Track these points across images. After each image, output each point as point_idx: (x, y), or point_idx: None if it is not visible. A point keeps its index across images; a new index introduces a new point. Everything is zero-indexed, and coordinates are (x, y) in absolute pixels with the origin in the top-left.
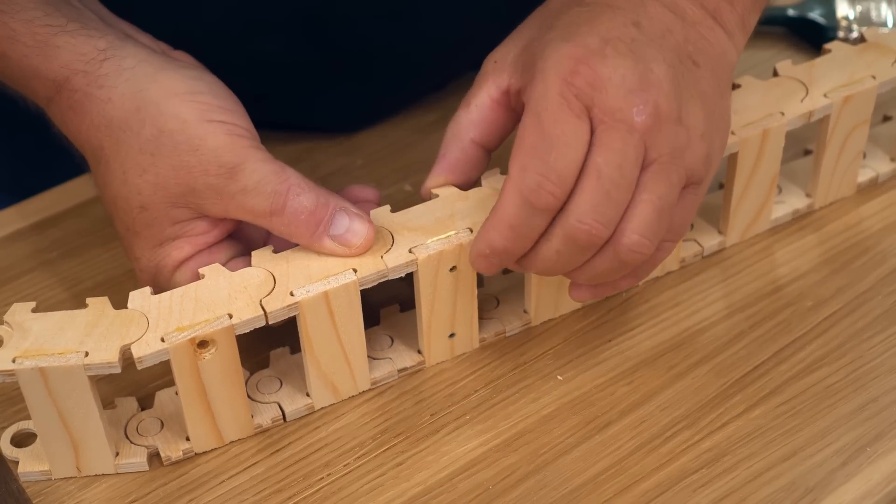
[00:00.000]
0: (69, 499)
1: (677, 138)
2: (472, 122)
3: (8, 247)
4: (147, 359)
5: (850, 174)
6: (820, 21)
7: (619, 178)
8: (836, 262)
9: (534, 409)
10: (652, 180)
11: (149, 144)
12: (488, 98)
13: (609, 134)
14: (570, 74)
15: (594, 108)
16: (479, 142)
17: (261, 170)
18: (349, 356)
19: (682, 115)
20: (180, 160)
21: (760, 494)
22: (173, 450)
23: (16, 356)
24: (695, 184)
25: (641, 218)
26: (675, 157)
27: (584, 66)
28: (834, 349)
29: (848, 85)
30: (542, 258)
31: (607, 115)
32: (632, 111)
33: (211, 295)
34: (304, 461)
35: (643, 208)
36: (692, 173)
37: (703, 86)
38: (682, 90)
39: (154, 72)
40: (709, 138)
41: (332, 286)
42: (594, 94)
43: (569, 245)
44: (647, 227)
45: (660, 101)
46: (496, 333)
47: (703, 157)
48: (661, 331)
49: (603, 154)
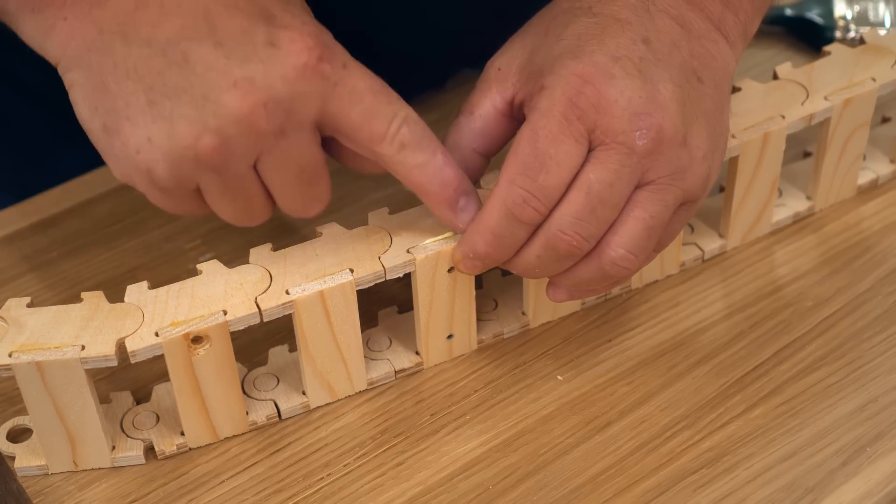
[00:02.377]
0: (69, 498)
1: (679, 161)
2: (474, 131)
3: (8, 247)
4: (140, 353)
5: (850, 176)
6: (818, 21)
7: (608, 197)
8: (836, 262)
9: (534, 409)
10: (647, 199)
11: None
12: (492, 108)
13: (606, 153)
14: (575, 95)
15: (596, 130)
16: (481, 151)
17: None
18: (345, 356)
19: (688, 136)
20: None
21: (760, 494)
22: (167, 444)
23: (12, 351)
24: (690, 202)
25: (630, 234)
26: (675, 179)
27: (591, 86)
28: (834, 349)
29: (848, 87)
30: (524, 262)
31: (608, 137)
32: (634, 135)
33: (207, 291)
34: (304, 461)
35: (633, 225)
36: (689, 194)
37: (706, 104)
38: (688, 110)
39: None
40: (710, 159)
41: (328, 285)
42: (597, 118)
43: (549, 252)
44: (635, 244)
45: (665, 124)
46: (494, 335)
47: (703, 178)
48: (661, 331)
49: (596, 171)
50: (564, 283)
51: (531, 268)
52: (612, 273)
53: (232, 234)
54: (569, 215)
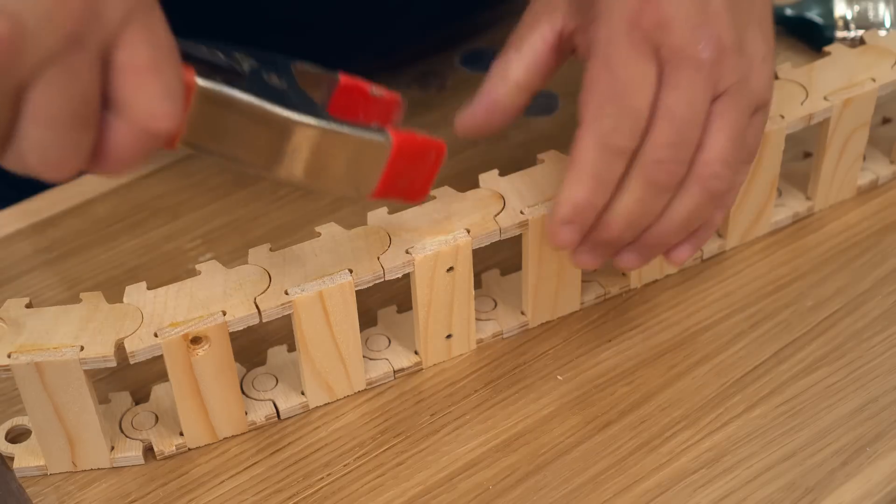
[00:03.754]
0: (69, 499)
1: (742, 67)
2: (522, 64)
3: (8, 247)
4: (139, 353)
5: (850, 177)
6: (817, 20)
7: (691, 116)
8: (836, 262)
9: (534, 409)
10: (724, 111)
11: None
12: (541, 41)
13: (678, 73)
14: (636, 15)
15: (662, 48)
16: (525, 86)
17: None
18: (344, 356)
19: (743, 43)
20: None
21: (760, 494)
22: (166, 444)
23: (11, 351)
24: (762, 107)
25: (719, 148)
26: (743, 86)
27: (649, 5)
28: (834, 349)
29: (848, 88)
30: (625, 207)
31: (675, 54)
32: (697, 47)
33: (206, 291)
34: (304, 461)
35: (719, 137)
36: (759, 98)
37: (756, 10)
38: (740, 18)
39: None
40: (769, 60)
41: (327, 286)
42: (661, 35)
43: (649, 189)
44: (726, 156)
45: (722, 33)
46: (493, 335)
47: (766, 80)
48: (661, 331)
49: (674, 94)
50: (675, 225)
51: (633, 217)
52: (713, 189)
53: (232, 234)
54: (661, 144)
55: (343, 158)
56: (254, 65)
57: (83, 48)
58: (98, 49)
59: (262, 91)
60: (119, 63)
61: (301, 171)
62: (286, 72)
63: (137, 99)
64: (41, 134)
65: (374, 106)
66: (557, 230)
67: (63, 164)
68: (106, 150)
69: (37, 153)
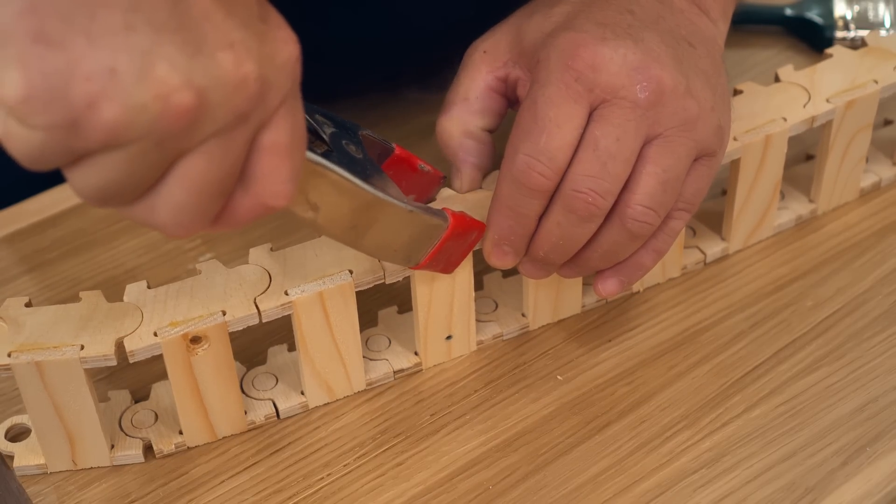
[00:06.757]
0: (69, 498)
1: (686, 111)
2: (476, 113)
3: (8, 247)
4: (139, 352)
5: (853, 179)
6: (817, 21)
7: (617, 151)
8: (836, 262)
9: (534, 409)
10: (657, 153)
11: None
12: (486, 87)
13: (609, 109)
14: (570, 59)
15: (596, 88)
16: (488, 129)
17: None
18: (344, 356)
19: (690, 88)
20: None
21: (760, 494)
22: (166, 443)
23: (11, 351)
24: (707, 155)
25: (646, 190)
26: (684, 130)
27: (585, 48)
28: (834, 349)
29: (850, 90)
30: (547, 233)
31: (609, 94)
32: (635, 88)
33: (206, 291)
34: (304, 461)
35: (647, 180)
36: (704, 145)
37: (702, 64)
38: (685, 67)
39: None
40: (719, 111)
41: (327, 286)
42: (595, 76)
43: (568, 216)
44: (652, 199)
45: (664, 76)
46: (493, 336)
47: (714, 127)
48: (661, 331)
49: (601, 127)
50: (598, 258)
51: (554, 240)
52: (635, 231)
53: (232, 234)
54: (580, 173)
55: (407, 235)
56: (333, 130)
57: (246, 127)
58: (255, 128)
59: (348, 163)
60: (263, 143)
61: (365, 238)
62: (356, 139)
63: (269, 178)
64: (184, 198)
65: (420, 178)
66: (490, 250)
67: (192, 226)
68: (224, 217)
69: (172, 213)
